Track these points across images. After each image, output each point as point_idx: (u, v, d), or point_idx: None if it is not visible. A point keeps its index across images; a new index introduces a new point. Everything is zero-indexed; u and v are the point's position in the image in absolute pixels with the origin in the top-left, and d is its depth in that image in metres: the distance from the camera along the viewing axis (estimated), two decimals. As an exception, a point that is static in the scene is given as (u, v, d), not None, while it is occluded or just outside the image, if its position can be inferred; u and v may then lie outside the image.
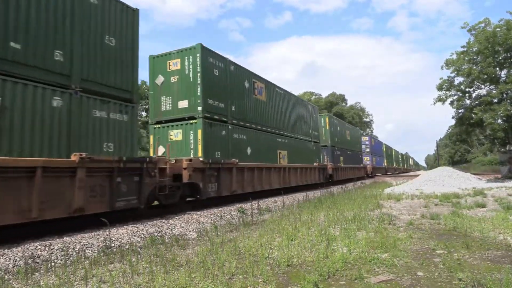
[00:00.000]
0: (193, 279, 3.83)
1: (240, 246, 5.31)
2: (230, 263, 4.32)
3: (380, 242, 5.26)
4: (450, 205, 10.01)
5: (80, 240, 5.88)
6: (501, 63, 20.47)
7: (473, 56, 21.10)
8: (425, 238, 5.71)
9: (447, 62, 22.00)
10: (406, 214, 8.63)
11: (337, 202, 10.82)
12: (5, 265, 4.62)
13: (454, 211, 8.50)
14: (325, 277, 3.82)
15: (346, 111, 75.57)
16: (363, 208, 9.40)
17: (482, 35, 20.06)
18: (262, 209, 10.23)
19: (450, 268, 3.99)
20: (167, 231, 7.15)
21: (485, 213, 8.15)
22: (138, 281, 3.87)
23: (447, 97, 22.43)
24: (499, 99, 20.15)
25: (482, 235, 5.68)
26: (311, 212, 8.83)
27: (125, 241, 6.15)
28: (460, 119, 22.56)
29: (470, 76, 20.64)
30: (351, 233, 6.03)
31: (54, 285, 3.83)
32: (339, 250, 4.89)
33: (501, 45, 19.66)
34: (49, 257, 5.04)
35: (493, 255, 4.58)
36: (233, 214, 9.48)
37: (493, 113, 19.31)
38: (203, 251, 5.09)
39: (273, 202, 12.19)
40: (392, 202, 11.47)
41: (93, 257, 5.10)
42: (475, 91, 22.23)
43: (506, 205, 8.88)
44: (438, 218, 7.42)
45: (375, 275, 3.88)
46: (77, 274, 4.29)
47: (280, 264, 4.35)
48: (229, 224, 7.86)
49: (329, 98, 78.87)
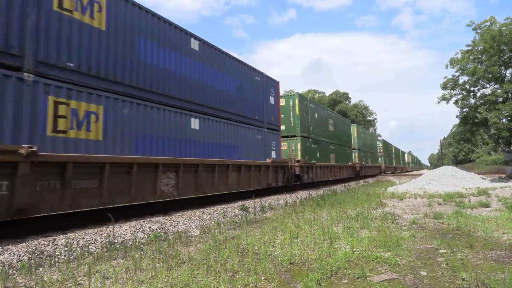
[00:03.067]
0: (196, 276, 3.84)
1: (243, 243, 5.31)
2: (233, 260, 4.32)
3: (383, 241, 5.25)
4: (454, 205, 9.97)
5: (83, 236, 5.91)
6: (506, 62, 20.31)
7: (478, 54, 20.96)
8: (428, 237, 5.69)
9: (452, 61, 21.87)
10: (409, 213, 8.60)
11: (340, 201, 10.80)
12: (9, 260, 4.65)
13: (458, 210, 8.46)
14: (328, 275, 3.82)
15: (350, 109, 75.33)
16: (366, 206, 9.39)
17: (488, 33, 19.91)
18: (264, 206, 10.23)
19: (454, 267, 3.97)
20: (170, 227, 7.17)
21: (489, 213, 8.11)
22: (141, 277, 3.89)
23: (451, 96, 22.33)
24: (504, 99, 20.00)
25: (485, 235, 5.65)
26: (314, 210, 8.82)
27: (128, 237, 6.18)
28: (464, 118, 22.43)
29: (475, 75, 20.50)
30: (354, 231, 6.03)
31: (57, 280, 3.85)
32: (341, 249, 4.88)
33: (506, 44, 19.52)
34: (53, 253, 5.07)
35: (497, 255, 4.55)
36: (236, 211, 9.49)
37: (497, 113, 19.17)
38: (205, 248, 5.10)
39: (275, 200, 12.19)
40: (395, 201, 11.44)
41: (97, 253, 5.12)
42: (480, 90, 22.09)
43: (510, 205, 8.82)
44: (442, 218, 7.40)
45: (378, 274, 3.88)
46: (81, 269, 4.31)
47: (283, 262, 4.35)
48: (231, 222, 7.87)
49: (332, 96, 78.65)
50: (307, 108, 19.70)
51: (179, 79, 9.80)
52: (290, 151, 18.14)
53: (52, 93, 6.39)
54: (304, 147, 18.38)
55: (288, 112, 18.57)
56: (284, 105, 18.44)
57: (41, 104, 6.20)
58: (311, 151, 19.35)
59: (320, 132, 21.41)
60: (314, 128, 20.47)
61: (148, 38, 8.77)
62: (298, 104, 18.63)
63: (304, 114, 19.05)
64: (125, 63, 8.08)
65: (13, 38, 5.94)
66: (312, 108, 20.70)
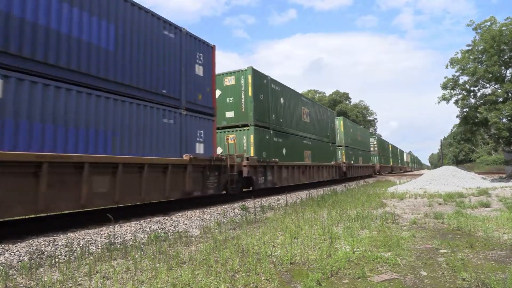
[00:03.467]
0: (196, 276, 3.84)
1: (243, 243, 5.31)
2: (233, 260, 4.32)
3: (383, 241, 5.25)
4: (454, 204, 9.96)
5: (84, 236, 5.91)
6: (506, 62, 20.32)
7: (478, 54, 20.97)
8: (429, 237, 5.69)
9: (452, 61, 21.87)
10: (409, 213, 8.60)
11: (340, 201, 10.80)
12: (9, 260, 4.65)
13: (458, 210, 8.45)
14: (328, 275, 3.82)
15: (350, 110, 75.35)
16: (366, 206, 9.39)
17: (488, 33, 19.91)
18: (265, 206, 10.23)
19: (454, 267, 3.97)
20: (170, 228, 7.17)
21: (489, 213, 8.10)
22: (142, 277, 3.89)
23: (451, 96, 22.34)
24: (504, 98, 20.00)
25: (486, 235, 5.65)
26: (314, 211, 8.82)
27: (129, 237, 6.18)
28: (464, 118, 22.43)
29: (475, 75, 20.51)
30: (354, 231, 6.03)
31: (58, 280, 3.85)
32: (342, 249, 4.88)
33: (506, 44, 19.53)
34: (53, 253, 5.07)
35: (498, 255, 4.55)
36: (236, 211, 9.49)
37: (498, 112, 19.18)
38: (206, 248, 5.10)
39: (276, 200, 12.19)
40: (395, 201, 11.43)
41: (97, 253, 5.12)
42: (480, 90, 22.09)
43: (510, 205, 8.82)
44: (442, 217, 7.39)
45: (378, 274, 3.88)
46: (81, 270, 4.31)
47: (283, 262, 4.35)
48: (232, 222, 7.87)
49: (332, 96, 78.67)
50: (267, 89, 15.09)
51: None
52: (240, 146, 13.63)
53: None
54: (260, 140, 13.99)
55: (238, 94, 14.05)
56: (234, 84, 14.14)
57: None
58: (273, 146, 15.07)
59: (288, 123, 16.98)
60: (279, 116, 16.05)
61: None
62: (251, 84, 13.82)
63: (261, 97, 14.50)
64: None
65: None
66: (276, 91, 16.06)
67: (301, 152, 18.29)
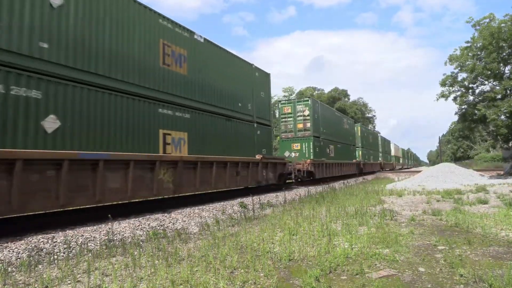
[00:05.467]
0: (195, 273, 3.85)
1: (242, 240, 5.32)
2: (232, 257, 4.33)
3: (381, 238, 5.26)
4: (452, 201, 9.99)
5: (82, 233, 5.92)
6: (505, 59, 20.29)
7: (477, 51, 20.93)
8: (427, 234, 5.71)
9: (451, 58, 21.84)
10: (407, 210, 8.62)
11: (339, 198, 10.82)
12: (8, 257, 4.65)
13: (456, 207, 8.48)
14: (327, 272, 3.83)
15: (349, 107, 75.28)
16: (364, 203, 9.40)
17: (487, 30, 19.87)
18: (263, 204, 10.25)
19: (452, 264, 3.99)
20: (169, 225, 7.18)
21: (487, 210, 8.13)
22: (140, 274, 3.90)
23: (450, 93, 22.29)
24: (503, 95, 20.00)
25: (484, 232, 5.67)
26: (313, 207, 8.83)
27: (127, 234, 6.18)
28: (463, 115, 22.44)
29: (474, 72, 20.48)
30: (353, 228, 6.04)
31: (57, 277, 3.86)
32: (340, 245, 4.89)
33: (505, 41, 19.49)
34: (52, 250, 5.07)
35: (495, 251, 4.57)
36: (235, 208, 9.50)
37: (496, 110, 19.17)
38: (205, 245, 5.10)
39: (274, 197, 12.21)
40: (394, 198, 11.46)
41: (96, 250, 5.12)
42: (479, 87, 22.07)
43: (508, 202, 8.85)
44: (440, 214, 7.42)
45: (377, 270, 3.89)
46: (80, 267, 4.31)
47: (282, 258, 4.36)
48: (230, 219, 7.88)
49: (331, 93, 78.55)
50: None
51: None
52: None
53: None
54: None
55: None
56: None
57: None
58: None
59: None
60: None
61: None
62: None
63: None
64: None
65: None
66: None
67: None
